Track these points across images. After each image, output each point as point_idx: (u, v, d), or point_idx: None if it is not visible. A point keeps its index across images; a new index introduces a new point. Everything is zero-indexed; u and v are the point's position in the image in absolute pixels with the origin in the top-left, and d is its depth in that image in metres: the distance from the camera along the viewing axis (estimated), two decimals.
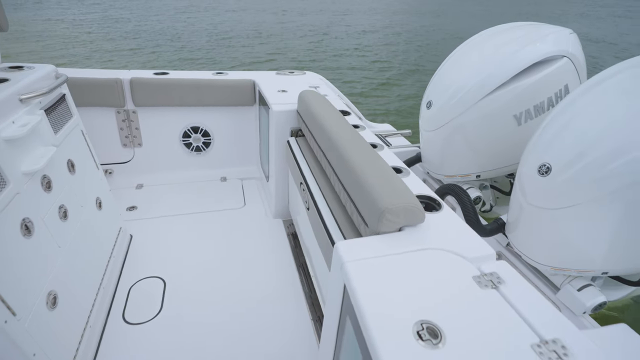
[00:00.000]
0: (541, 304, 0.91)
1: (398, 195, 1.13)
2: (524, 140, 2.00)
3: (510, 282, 0.97)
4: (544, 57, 1.92)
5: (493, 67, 1.96)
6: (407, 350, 0.77)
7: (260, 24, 17.31)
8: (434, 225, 1.18)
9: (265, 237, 2.33)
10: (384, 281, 0.94)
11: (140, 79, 2.50)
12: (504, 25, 2.20)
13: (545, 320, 0.86)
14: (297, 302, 1.88)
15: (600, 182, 1.43)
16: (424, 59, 11.59)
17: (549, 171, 1.49)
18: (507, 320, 0.85)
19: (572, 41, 1.98)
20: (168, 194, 2.67)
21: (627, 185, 1.39)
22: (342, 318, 1.07)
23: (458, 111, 2.06)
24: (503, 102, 1.97)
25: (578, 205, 1.47)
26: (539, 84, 1.92)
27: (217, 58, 10.93)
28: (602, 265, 1.54)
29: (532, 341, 0.80)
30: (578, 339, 0.81)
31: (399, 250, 1.06)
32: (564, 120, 1.53)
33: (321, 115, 1.75)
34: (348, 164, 1.35)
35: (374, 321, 0.84)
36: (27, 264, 1.23)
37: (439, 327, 0.82)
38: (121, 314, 1.77)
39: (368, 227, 1.19)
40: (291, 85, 2.54)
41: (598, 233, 1.48)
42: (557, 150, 1.49)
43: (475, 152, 2.15)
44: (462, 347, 0.78)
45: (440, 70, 2.25)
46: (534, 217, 1.60)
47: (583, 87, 1.59)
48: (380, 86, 9.04)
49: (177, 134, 2.77)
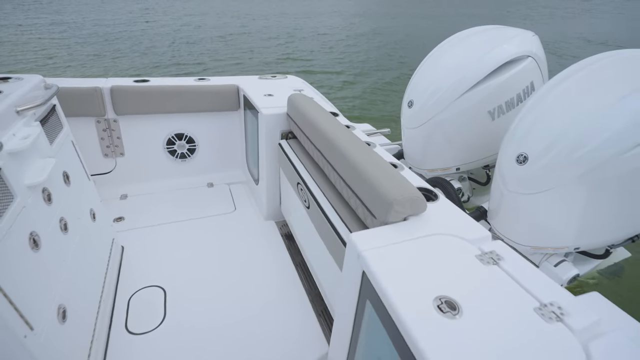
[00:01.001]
0: (536, 275, 1.04)
1: (402, 188, 1.23)
2: (498, 134, 2.19)
3: (508, 258, 1.10)
4: (511, 57, 2.11)
5: (467, 68, 2.13)
6: (432, 322, 0.87)
7: (223, 27, 17.07)
8: (434, 213, 1.30)
9: (259, 239, 2.36)
10: (400, 265, 1.04)
11: (121, 87, 2.45)
12: (474, 29, 2.39)
13: (541, 287, 0.99)
14: (299, 300, 1.94)
15: (568, 169, 1.62)
16: (385, 58, 11.98)
17: (525, 160, 1.66)
18: (511, 290, 0.97)
19: (534, 42, 2.19)
20: (155, 203, 2.64)
21: (590, 170, 1.59)
22: (361, 303, 1.16)
23: (437, 109, 2.22)
24: (478, 100, 2.14)
25: (552, 189, 1.65)
26: (509, 82, 2.11)
27: (182, 62, 10.68)
28: (574, 241, 1.74)
29: (533, 305, 0.93)
30: (570, 300, 0.95)
31: (408, 237, 1.16)
32: (535, 115, 1.71)
33: (315, 117, 1.82)
34: (350, 162, 1.44)
35: (398, 299, 0.93)
36: (38, 278, 1.21)
37: (455, 300, 0.93)
38: (123, 325, 1.75)
39: (376, 219, 1.28)
40: (276, 89, 2.59)
41: (569, 213, 1.67)
42: (531, 141, 1.67)
43: (454, 147, 2.32)
44: (477, 315, 0.89)
45: (418, 71, 2.40)
46: (514, 202, 1.77)
47: (549, 84, 1.78)
48: (345, 84, 9.29)
49: (161, 142, 2.74)
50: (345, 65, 11.12)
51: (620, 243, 1.80)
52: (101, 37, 13.58)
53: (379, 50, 13.03)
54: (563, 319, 0.90)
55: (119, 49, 11.89)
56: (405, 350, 0.88)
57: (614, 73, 1.69)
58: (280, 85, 2.71)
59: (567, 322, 0.89)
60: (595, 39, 15.95)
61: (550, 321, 0.89)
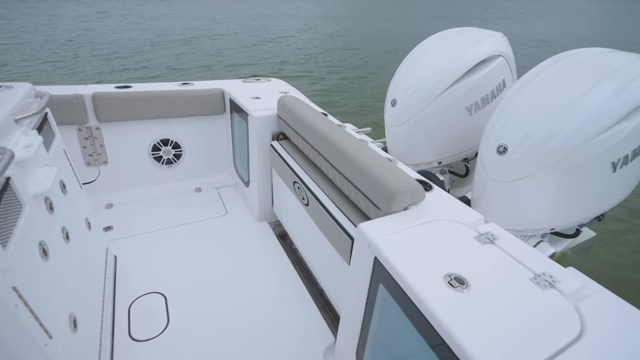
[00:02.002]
0: (527, 250, 1.17)
1: (403, 179, 1.33)
2: (476, 128, 2.36)
3: (501, 237, 1.22)
4: (484, 57, 2.28)
5: (445, 69, 2.28)
6: (445, 296, 0.97)
7: (187, 30, 16.71)
8: (432, 201, 1.41)
9: (254, 240, 2.40)
10: (409, 249, 1.14)
11: (103, 93, 2.40)
12: (448, 31, 2.56)
13: (533, 260, 1.12)
14: (301, 296, 2.00)
15: (542, 157, 1.79)
16: (350, 57, 12.24)
17: (505, 150, 1.82)
18: (508, 265, 1.09)
19: (504, 42, 2.38)
20: (144, 211, 2.60)
21: (561, 158, 1.77)
22: (373, 288, 1.24)
23: (419, 108, 2.35)
24: (456, 98, 2.30)
25: (529, 176, 1.81)
26: (483, 79, 2.29)
27: (151, 67, 10.37)
28: (550, 222, 1.92)
29: (529, 276, 1.05)
30: (558, 270, 1.08)
31: (411, 225, 1.26)
32: (511, 109, 1.87)
33: (309, 118, 1.89)
34: (350, 157, 1.52)
35: (413, 279, 1.02)
36: (51, 287, 1.20)
37: (463, 276, 1.03)
38: (127, 332, 1.73)
39: (380, 209, 1.37)
40: (263, 92, 2.63)
41: (545, 196, 1.84)
42: (509, 133, 1.83)
43: (436, 142, 2.47)
44: (484, 288, 1.00)
45: (399, 71, 2.53)
46: (496, 190, 1.93)
47: (520, 82, 1.95)
48: (314, 82, 9.46)
49: (146, 148, 2.70)
50: (311, 65, 11.27)
51: (588, 222, 2.01)
52: (56, 42, 12.90)
53: (343, 51, 13.33)
54: (555, 286, 1.02)
55: (78, 54, 11.35)
56: (423, 324, 0.97)
57: (575, 71, 1.89)
58: (266, 88, 2.75)
59: (559, 288, 1.01)
60: (543, 37, 17.08)
61: (544, 288, 1.01)
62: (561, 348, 0.84)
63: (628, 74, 1.75)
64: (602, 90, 1.75)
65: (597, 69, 1.81)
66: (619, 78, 1.74)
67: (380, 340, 1.29)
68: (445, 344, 0.89)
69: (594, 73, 1.81)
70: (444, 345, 0.89)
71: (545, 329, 0.88)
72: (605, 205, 1.93)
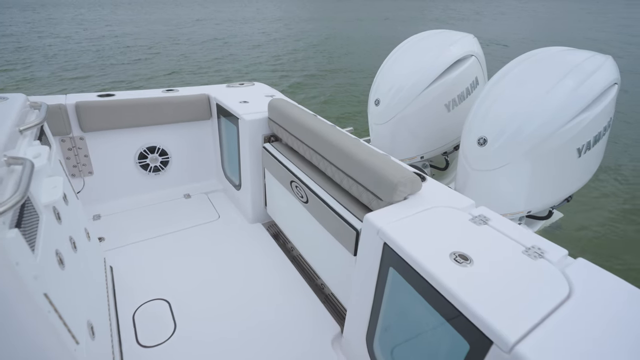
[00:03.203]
0: (516, 228, 1.32)
1: (401, 171, 1.45)
2: (455, 122, 2.54)
3: (492, 218, 1.37)
4: (459, 57, 2.46)
5: (424, 69, 2.44)
6: (453, 271, 1.08)
7: (149, 36, 16.23)
8: (427, 190, 1.53)
9: (250, 241, 2.44)
10: (415, 233, 1.25)
11: (86, 102, 2.36)
12: (423, 34, 2.73)
13: (523, 236, 1.26)
14: (303, 292, 2.06)
15: (517, 147, 1.97)
16: (315, 57, 12.45)
17: (485, 142, 1.99)
18: (502, 241, 1.23)
19: (475, 43, 2.58)
20: (134, 220, 2.56)
21: (533, 147, 1.96)
22: (382, 272, 1.34)
23: (402, 106, 2.50)
24: (435, 96, 2.46)
25: (507, 165, 1.99)
26: (459, 78, 2.47)
27: (120, 76, 10.00)
28: (526, 206, 2.11)
29: (521, 249, 1.19)
30: (544, 243, 1.24)
31: (413, 212, 1.38)
32: (488, 105, 2.05)
33: (302, 119, 1.98)
34: (349, 154, 1.61)
35: (422, 258, 1.13)
36: (71, 295, 1.21)
37: (466, 253, 1.16)
38: (134, 340, 1.73)
39: (382, 200, 1.48)
40: (249, 96, 2.68)
41: (522, 182, 2.03)
42: (488, 127, 2.00)
43: (418, 138, 2.62)
44: (485, 262, 1.13)
45: (380, 72, 2.66)
46: (478, 178, 2.10)
47: (494, 79, 2.14)
48: (281, 80, 9.58)
49: (132, 157, 2.66)
50: (280, 66, 11.33)
51: (559, 204, 2.23)
52: (5, 49, 12.13)
53: (306, 51, 13.56)
54: (544, 256, 1.17)
55: (30, 62, 10.74)
56: (438, 300, 1.08)
57: (541, 68, 2.09)
58: (252, 92, 2.80)
59: (547, 258, 1.16)
60: (497, 38, 18.10)
61: (535, 259, 1.15)
62: (556, 306, 0.98)
63: (586, 70, 1.97)
64: (565, 86, 1.96)
65: (560, 67, 2.02)
66: (579, 74, 1.96)
67: (391, 322, 1.40)
68: (462, 315, 1.00)
69: (557, 70, 2.02)
70: (461, 316, 1.01)
71: (541, 292, 1.02)
72: (573, 187, 2.15)
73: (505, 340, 0.88)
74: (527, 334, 0.89)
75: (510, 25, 24.46)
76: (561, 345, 0.86)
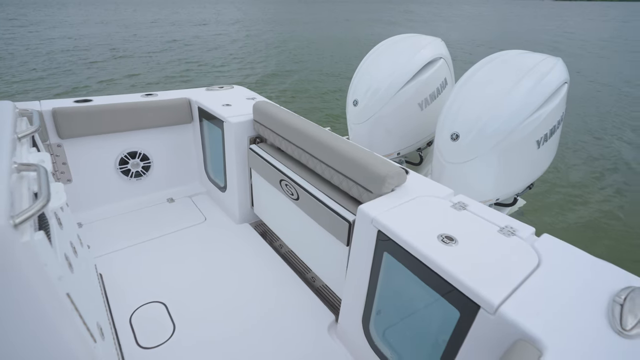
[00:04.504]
0: (490, 211, 1.49)
1: (388, 166, 1.59)
2: (428, 120, 2.73)
3: (470, 204, 1.54)
4: (429, 60, 2.66)
5: (398, 72, 2.61)
6: (442, 250, 1.23)
7: (108, 38, 15.55)
8: (411, 182, 1.69)
9: (240, 241, 2.49)
10: (405, 220, 1.39)
11: (64, 108, 2.32)
12: (395, 38, 2.90)
13: (496, 218, 1.44)
14: (297, 285, 2.15)
15: (486, 141, 2.18)
16: (274, 57, 12.56)
17: (458, 137, 2.18)
18: (480, 223, 1.40)
19: (443, 46, 2.79)
20: (118, 226, 2.54)
21: (499, 141, 2.17)
22: (377, 258, 1.47)
23: (378, 107, 2.66)
24: (409, 95, 2.64)
25: (477, 157, 2.19)
26: (430, 79, 2.66)
27: (74, 80, 9.52)
28: (495, 194, 2.33)
29: (496, 229, 1.37)
30: (514, 223, 1.42)
31: (401, 202, 1.52)
32: (458, 104, 2.24)
33: (289, 120, 2.07)
34: (339, 151, 1.73)
35: (414, 241, 1.27)
36: (82, 296, 1.23)
37: (451, 235, 1.31)
38: (133, 342, 1.75)
39: (372, 193, 1.61)
40: (231, 99, 2.73)
41: (490, 173, 2.24)
42: (459, 123, 2.19)
43: (394, 136, 2.79)
44: (468, 241, 1.29)
45: (357, 74, 2.81)
46: (452, 171, 2.29)
47: (462, 79, 2.34)
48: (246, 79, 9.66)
49: (112, 162, 2.63)
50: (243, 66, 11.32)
51: (523, 191, 2.47)
52: None
53: (268, 51, 13.67)
54: (515, 234, 1.35)
55: None
56: (432, 277, 1.23)
57: (503, 70, 2.32)
58: (232, 95, 2.85)
59: (518, 235, 1.34)
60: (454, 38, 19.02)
61: (509, 236, 1.33)
62: (529, 273, 1.15)
63: (541, 71, 2.21)
64: (523, 86, 2.19)
65: (519, 68, 2.25)
66: (535, 75, 2.20)
67: (386, 303, 1.53)
68: (452, 286, 1.15)
69: (517, 72, 2.25)
70: (451, 288, 1.15)
71: (516, 263, 1.19)
72: (534, 176, 2.40)
73: (490, 304, 1.03)
74: (507, 297, 1.05)
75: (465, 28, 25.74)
76: (535, 305, 1.03)
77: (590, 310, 1.01)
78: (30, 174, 1.17)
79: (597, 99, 10.19)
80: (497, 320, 1.02)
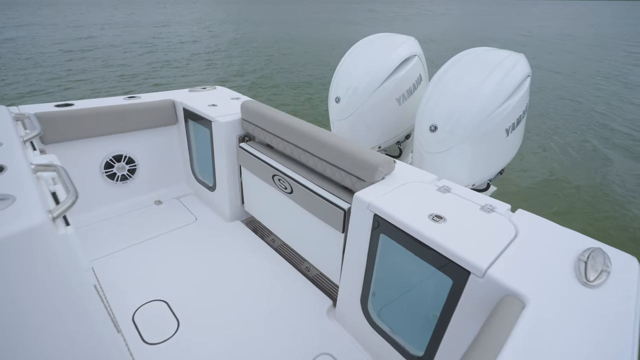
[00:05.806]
0: (471, 192, 1.66)
1: (377, 156, 1.72)
2: (406, 114, 2.90)
3: (453, 187, 1.70)
4: (405, 58, 2.83)
5: (376, 70, 2.76)
6: (433, 227, 1.38)
7: (65, 40, 14.83)
8: (399, 170, 1.83)
9: (233, 238, 2.55)
10: (398, 203, 1.53)
11: (45, 113, 2.28)
12: (372, 37, 3.05)
13: (477, 198, 1.61)
14: (293, 276, 2.25)
15: (460, 132, 2.37)
16: (240, 57, 12.55)
17: (436, 129, 2.35)
18: (463, 203, 1.56)
19: (416, 45, 2.97)
20: (107, 230, 2.52)
21: (472, 131, 2.37)
22: (373, 240, 1.60)
23: (359, 104, 2.80)
24: (388, 92, 2.79)
25: (454, 147, 2.38)
26: (406, 76, 2.83)
27: (39, 77, 9.05)
28: (470, 180, 2.53)
29: (478, 207, 1.53)
30: (492, 201, 1.59)
31: (392, 188, 1.66)
32: (436, 98, 2.42)
33: (278, 117, 2.16)
34: (331, 145, 1.85)
35: (408, 221, 1.41)
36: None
37: (440, 214, 1.46)
38: (139, 339, 1.78)
39: (365, 181, 1.74)
40: (216, 99, 2.78)
41: (466, 161, 2.44)
42: (437, 116, 2.37)
43: (375, 130, 2.94)
44: (455, 219, 1.44)
45: (337, 73, 2.93)
46: (431, 160, 2.46)
47: (437, 76, 2.52)
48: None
49: (97, 167, 2.61)
50: (216, 67, 11.21)
51: (495, 176, 2.69)
52: None
53: (233, 51, 13.65)
54: (494, 210, 1.52)
55: None
56: (427, 253, 1.37)
57: (473, 66, 2.52)
58: (216, 96, 2.90)
59: (497, 211, 1.51)
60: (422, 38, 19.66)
61: (489, 212, 1.50)
62: (509, 242, 1.31)
63: (506, 66, 2.43)
64: (492, 80, 2.39)
65: (487, 64, 2.46)
66: (502, 70, 2.41)
67: (383, 282, 1.66)
68: (445, 258, 1.29)
69: (486, 67, 2.45)
70: (444, 259, 1.30)
71: (497, 235, 1.35)
72: (504, 162, 2.62)
73: (479, 268, 1.19)
74: (492, 262, 1.21)
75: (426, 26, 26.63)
76: (516, 267, 1.19)
77: (561, 268, 1.19)
78: (43, 174, 1.20)
79: (556, 90, 10.94)
80: (485, 282, 1.17)
